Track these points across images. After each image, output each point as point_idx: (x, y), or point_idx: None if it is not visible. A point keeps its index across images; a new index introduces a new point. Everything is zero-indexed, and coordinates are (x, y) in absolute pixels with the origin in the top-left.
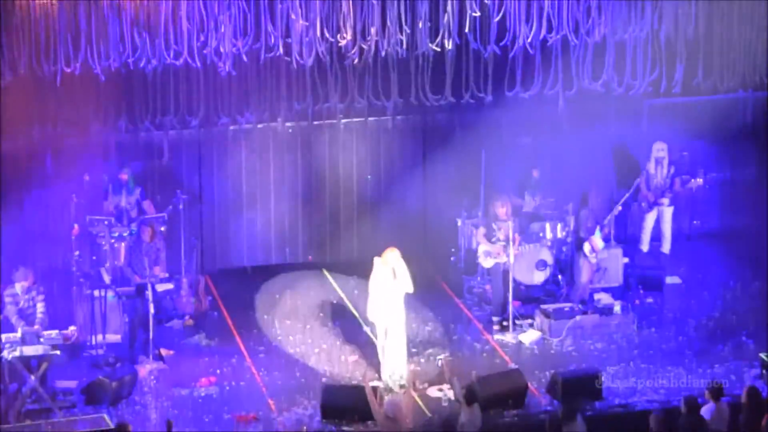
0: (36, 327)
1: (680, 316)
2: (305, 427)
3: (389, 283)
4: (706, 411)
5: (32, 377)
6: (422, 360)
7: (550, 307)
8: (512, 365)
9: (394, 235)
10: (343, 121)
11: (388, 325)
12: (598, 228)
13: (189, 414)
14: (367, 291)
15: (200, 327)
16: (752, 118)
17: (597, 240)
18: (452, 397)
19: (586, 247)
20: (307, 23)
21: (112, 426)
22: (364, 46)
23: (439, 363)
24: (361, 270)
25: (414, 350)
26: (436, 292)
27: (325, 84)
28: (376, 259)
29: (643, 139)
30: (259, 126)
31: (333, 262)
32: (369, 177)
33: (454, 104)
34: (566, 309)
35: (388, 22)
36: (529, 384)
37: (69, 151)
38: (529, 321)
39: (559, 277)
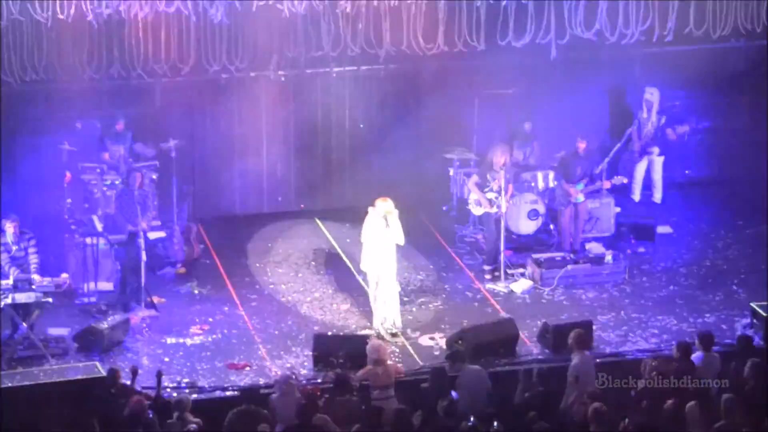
0: (28, 274)
1: (671, 265)
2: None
3: (381, 232)
4: (696, 359)
5: (24, 324)
6: (414, 309)
7: (541, 256)
8: (504, 314)
9: (386, 184)
10: (336, 69)
11: (380, 273)
12: (585, 180)
13: (181, 362)
14: (358, 239)
15: (192, 275)
16: (745, 66)
17: (575, 190)
18: (444, 346)
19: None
20: None
21: (104, 373)
22: None
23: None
24: (353, 218)
25: (406, 299)
26: (428, 241)
27: (318, 32)
28: (369, 209)
29: (636, 88)
30: (252, 74)
31: (325, 210)
32: (362, 125)
33: (447, 53)
34: (558, 258)
35: None
36: (520, 333)
37: (62, 98)
38: (521, 270)
39: (551, 226)
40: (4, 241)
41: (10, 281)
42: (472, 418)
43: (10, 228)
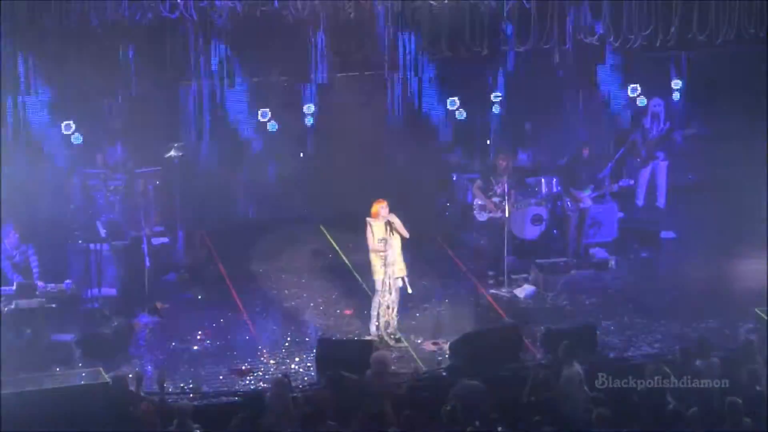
0: (31, 281)
1: (674, 270)
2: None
3: (385, 237)
4: (697, 363)
5: (28, 330)
6: (417, 314)
7: (545, 261)
8: (507, 319)
9: (390, 189)
10: (339, 75)
11: (386, 278)
12: (590, 186)
13: (185, 367)
14: (362, 245)
15: (196, 280)
16: (747, 71)
17: (581, 195)
18: (447, 351)
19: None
20: None
21: (108, 379)
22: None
23: None
24: (357, 224)
25: (410, 304)
26: (431, 247)
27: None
28: (368, 219)
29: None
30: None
31: (329, 216)
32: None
33: (451, 58)
34: (561, 263)
35: None
36: (523, 338)
37: None
38: (524, 275)
39: (554, 231)
40: (5, 247)
41: (14, 288)
42: (477, 423)
43: (9, 234)
